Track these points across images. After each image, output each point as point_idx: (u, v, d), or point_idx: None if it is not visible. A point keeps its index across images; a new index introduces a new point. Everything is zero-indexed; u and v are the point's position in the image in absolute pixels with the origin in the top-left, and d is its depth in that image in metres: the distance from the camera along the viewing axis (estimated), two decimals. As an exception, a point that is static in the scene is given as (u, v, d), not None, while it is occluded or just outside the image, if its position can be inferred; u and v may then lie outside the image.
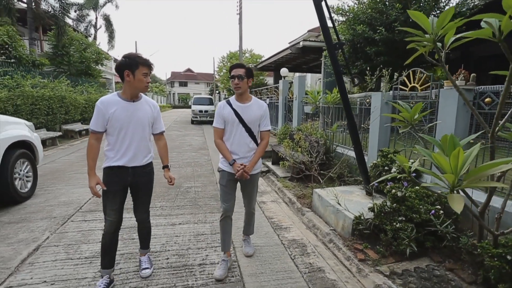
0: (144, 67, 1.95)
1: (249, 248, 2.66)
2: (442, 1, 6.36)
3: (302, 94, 7.16)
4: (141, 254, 2.41)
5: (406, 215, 2.67)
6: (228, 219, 2.41)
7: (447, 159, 1.49)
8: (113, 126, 1.98)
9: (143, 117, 2.06)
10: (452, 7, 1.75)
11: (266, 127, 2.38)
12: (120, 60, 1.98)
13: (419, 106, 2.30)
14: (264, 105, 2.38)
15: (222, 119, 2.29)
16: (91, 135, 2.02)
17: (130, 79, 1.93)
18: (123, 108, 1.99)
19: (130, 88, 1.99)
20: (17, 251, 2.60)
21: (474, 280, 2.24)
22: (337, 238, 2.96)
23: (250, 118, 2.27)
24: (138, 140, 2.07)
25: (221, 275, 2.26)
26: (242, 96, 2.29)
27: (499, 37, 1.48)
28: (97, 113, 1.96)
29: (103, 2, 22.35)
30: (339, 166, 4.30)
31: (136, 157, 2.07)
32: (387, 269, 2.42)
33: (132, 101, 2.03)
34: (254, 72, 16.02)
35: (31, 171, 4.11)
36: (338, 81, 3.23)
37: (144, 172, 2.15)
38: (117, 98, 2.00)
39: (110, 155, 2.04)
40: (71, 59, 14.31)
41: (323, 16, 3.17)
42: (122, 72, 1.94)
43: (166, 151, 2.33)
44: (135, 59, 1.93)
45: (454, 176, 1.46)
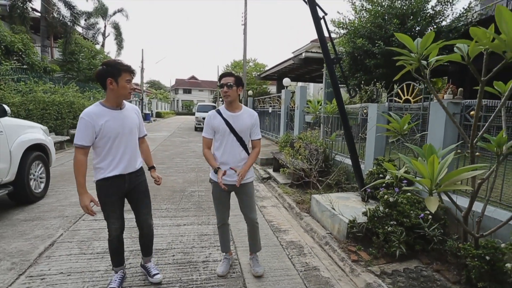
0: (127, 74, 1.91)
1: (258, 267, 2.48)
2: (438, 17, 6.63)
3: (304, 104, 7.41)
4: (145, 261, 2.36)
5: (397, 219, 2.84)
6: (225, 226, 2.49)
7: (425, 166, 1.69)
8: (105, 137, 1.92)
9: (132, 123, 2.07)
10: (432, 32, 1.97)
11: (257, 136, 2.37)
12: (100, 68, 1.91)
13: (407, 118, 2.51)
14: (254, 114, 2.37)
15: (212, 129, 2.29)
16: (79, 150, 1.89)
17: (113, 87, 1.89)
18: (114, 118, 1.95)
19: (114, 96, 1.94)
20: (34, 245, 2.80)
21: (458, 280, 2.40)
22: (332, 240, 3.13)
23: (241, 127, 2.26)
24: (131, 146, 2.07)
25: (223, 271, 2.41)
26: (232, 105, 2.27)
27: (467, 60, 1.70)
28: (85, 126, 1.86)
29: (113, 12, 23.04)
30: (337, 173, 4.50)
31: (131, 163, 2.08)
32: (378, 269, 2.58)
33: (119, 109, 2.00)
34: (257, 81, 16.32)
35: (44, 172, 4.35)
36: (336, 93, 3.46)
37: (138, 176, 2.16)
38: (103, 108, 1.94)
39: (103, 166, 1.97)
40: (81, 65, 14.77)
41: (322, 33, 3.42)
42: (104, 80, 1.88)
43: (149, 153, 2.39)
44: (117, 66, 1.89)
45: (431, 180, 1.66)
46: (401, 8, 6.57)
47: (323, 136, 5.77)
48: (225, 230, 2.50)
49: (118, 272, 2.23)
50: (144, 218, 2.22)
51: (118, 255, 2.19)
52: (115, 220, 2.08)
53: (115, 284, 2.15)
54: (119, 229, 2.11)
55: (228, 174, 2.24)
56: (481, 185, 2.28)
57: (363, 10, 7.24)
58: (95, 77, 1.96)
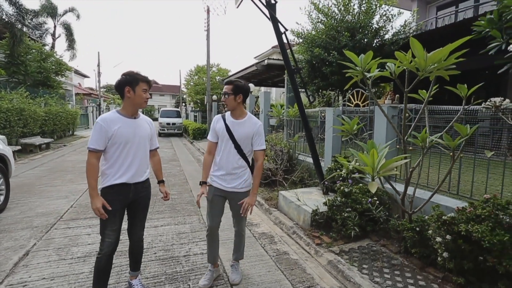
0: (144, 83, 2.01)
1: (236, 274, 2.47)
2: (382, 31, 7.58)
3: (268, 108, 7.87)
4: (132, 277, 2.30)
5: (352, 206, 3.35)
6: (215, 235, 2.39)
7: (367, 157, 2.15)
8: (116, 143, 1.97)
9: (143, 133, 2.11)
10: (371, 52, 2.48)
11: (260, 146, 2.27)
12: (120, 77, 2.02)
13: (356, 120, 3.02)
14: (258, 122, 2.30)
15: (215, 132, 2.29)
16: (92, 154, 1.94)
17: (130, 95, 1.98)
18: (126, 125, 2.01)
19: (130, 105, 2.03)
20: (6, 257, 2.76)
21: (399, 250, 2.95)
22: (299, 229, 3.55)
23: (240, 135, 2.22)
24: (141, 156, 2.09)
25: (205, 285, 2.33)
26: (235, 112, 2.26)
27: (394, 75, 2.21)
28: (99, 131, 1.92)
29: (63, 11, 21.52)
30: (300, 171, 4.97)
31: (138, 173, 2.08)
32: (337, 249, 3.04)
33: (133, 118, 2.07)
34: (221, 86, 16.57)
35: (3, 184, 4.15)
36: (297, 99, 3.91)
37: (144, 187, 2.16)
38: (118, 115, 2.02)
39: (111, 172, 2.00)
40: (28, 69, 13.62)
41: (283, 45, 3.86)
42: (122, 89, 1.98)
43: (160, 166, 2.38)
44: (135, 75, 2.00)
45: (372, 168, 2.13)
46: (351, 22, 7.38)
47: (286, 138, 6.25)
48: (214, 238, 2.39)
49: None
50: (137, 230, 2.23)
51: (102, 278, 2.05)
52: (111, 233, 2.00)
53: None
54: (113, 243, 2.02)
55: (224, 179, 2.25)
56: (412, 172, 2.86)
57: (319, 22, 7.95)
58: (115, 87, 2.05)
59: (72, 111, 15.46)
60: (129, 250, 2.29)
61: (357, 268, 2.69)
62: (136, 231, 2.22)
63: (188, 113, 25.53)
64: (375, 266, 2.73)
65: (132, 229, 2.22)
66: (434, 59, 1.96)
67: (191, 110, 25.17)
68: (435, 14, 12.51)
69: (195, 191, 5.25)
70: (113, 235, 2.02)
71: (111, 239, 2.01)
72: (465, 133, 2.32)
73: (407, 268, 2.69)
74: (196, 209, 4.26)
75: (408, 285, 2.42)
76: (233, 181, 2.27)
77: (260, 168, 2.28)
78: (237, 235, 2.50)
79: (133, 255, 2.28)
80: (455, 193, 3.04)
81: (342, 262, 2.78)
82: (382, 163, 2.22)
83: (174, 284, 2.39)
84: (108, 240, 2.00)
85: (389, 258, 2.86)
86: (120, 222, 2.07)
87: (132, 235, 2.23)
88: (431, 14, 12.65)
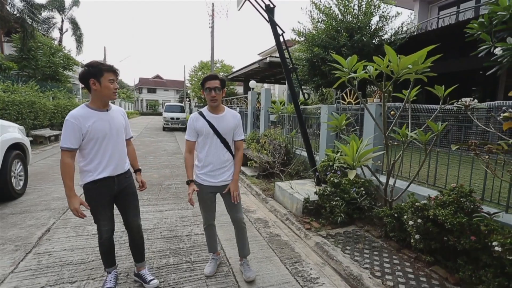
0: (109, 73, 1.92)
1: (250, 272, 2.44)
2: (380, 32, 7.82)
3: (268, 105, 8.17)
4: (139, 268, 2.31)
5: (340, 195, 3.66)
6: (211, 227, 2.49)
7: (348, 148, 2.47)
8: (92, 138, 1.93)
9: (118, 125, 2.08)
10: (355, 56, 2.77)
11: (240, 136, 2.37)
12: (82, 70, 1.93)
13: (344, 117, 3.33)
14: (237, 115, 2.39)
15: (195, 131, 2.28)
16: (65, 153, 1.88)
17: (96, 88, 1.90)
18: (100, 119, 1.95)
19: (98, 97, 1.95)
20: (31, 232, 3.14)
21: (380, 235, 3.27)
22: (292, 216, 3.88)
23: (224, 129, 2.26)
24: (119, 148, 2.07)
25: (210, 272, 2.42)
26: (218, 107, 2.29)
27: (373, 78, 2.51)
28: (72, 129, 1.86)
29: (69, 5, 21.90)
30: (296, 164, 5.29)
31: (120, 165, 2.08)
32: (325, 233, 3.37)
33: (105, 110, 2.01)
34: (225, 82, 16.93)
35: (23, 170, 4.53)
36: (293, 97, 4.22)
37: (126, 178, 2.16)
38: (89, 110, 1.94)
39: (90, 169, 1.97)
40: (39, 63, 14.05)
41: (281, 47, 4.15)
42: (87, 82, 1.90)
43: (135, 155, 2.38)
44: (98, 66, 1.90)
45: (351, 158, 2.44)
46: (350, 22, 7.62)
47: (285, 133, 6.56)
48: (211, 231, 2.50)
49: (111, 272, 2.23)
50: (133, 219, 2.22)
51: (109, 255, 2.19)
52: (105, 222, 2.06)
53: (111, 284, 2.17)
54: (110, 230, 2.10)
55: (213, 175, 2.28)
56: (393, 165, 3.17)
57: (319, 21, 8.20)
58: (79, 80, 1.96)
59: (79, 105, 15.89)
60: (130, 243, 2.28)
61: (340, 249, 3.01)
62: (133, 220, 2.20)
63: (192, 108, 25.90)
64: (357, 247, 3.05)
65: (128, 220, 2.20)
66: (405, 64, 2.25)
67: (195, 105, 25.54)
68: (437, 13, 12.63)
69: (197, 182, 5.60)
70: (108, 223, 2.08)
71: (107, 227, 2.08)
72: (436, 129, 2.61)
73: (385, 250, 3.00)
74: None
75: (384, 263, 2.74)
76: (222, 175, 2.30)
77: (242, 156, 2.40)
78: (238, 230, 2.46)
79: (136, 247, 2.28)
80: (432, 184, 3.34)
81: (328, 244, 3.10)
82: (360, 153, 2.53)
83: (177, 258, 2.74)
84: (104, 228, 2.07)
85: (371, 241, 3.18)
86: (111, 210, 2.10)
87: (129, 226, 2.21)
88: (433, 14, 12.78)
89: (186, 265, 2.60)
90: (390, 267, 2.66)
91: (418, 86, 2.98)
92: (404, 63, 2.25)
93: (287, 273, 2.57)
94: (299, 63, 8.55)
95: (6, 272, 2.38)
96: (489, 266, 2.17)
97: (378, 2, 7.68)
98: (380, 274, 2.55)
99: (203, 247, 2.95)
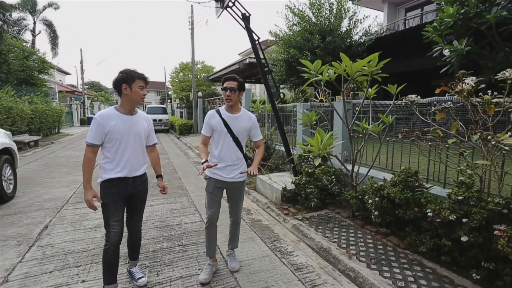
0: (140, 80, 2.09)
1: (235, 263, 2.62)
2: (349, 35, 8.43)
3: (249, 104, 8.57)
4: (131, 266, 2.41)
5: (314, 183, 4.13)
6: (213, 226, 2.49)
7: (314, 140, 2.91)
8: (113, 139, 2.05)
9: (140, 130, 2.18)
10: (319, 60, 3.23)
11: (258, 137, 2.49)
12: (117, 75, 2.10)
13: (313, 113, 3.79)
14: (252, 116, 2.46)
15: (210, 127, 2.39)
16: (89, 148, 2.03)
17: (127, 92, 2.06)
18: (123, 121, 2.08)
19: (127, 102, 2.11)
20: (30, 229, 3.36)
21: (348, 216, 3.77)
22: (272, 204, 4.31)
23: (238, 129, 2.35)
24: (137, 151, 2.17)
25: (206, 279, 2.37)
26: (234, 107, 2.37)
27: (333, 80, 2.97)
28: (96, 126, 2.02)
29: (43, 7, 21.21)
30: (275, 158, 5.73)
31: (136, 167, 2.17)
32: (300, 216, 3.82)
33: (130, 114, 2.14)
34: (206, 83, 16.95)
35: (12, 174, 4.67)
36: (269, 97, 4.64)
37: (141, 181, 2.24)
38: (115, 112, 2.09)
39: (109, 167, 2.08)
40: (11, 67, 13.65)
41: (257, 52, 4.56)
42: (120, 87, 2.06)
43: (159, 161, 2.46)
44: (131, 73, 2.08)
45: (317, 148, 2.89)
46: (323, 25, 8.17)
47: (266, 130, 6.99)
48: (212, 231, 2.49)
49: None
50: (135, 222, 2.34)
51: (112, 268, 2.15)
52: (116, 223, 2.08)
53: None
54: (119, 234, 2.10)
55: (224, 171, 2.37)
56: (357, 154, 3.66)
57: (294, 24, 8.69)
58: (113, 85, 2.13)
59: (57, 109, 15.58)
60: (128, 241, 2.39)
61: (314, 229, 3.47)
62: (135, 222, 2.33)
63: (174, 110, 25.83)
64: (328, 227, 3.52)
65: (131, 221, 2.32)
66: (356, 68, 2.73)
67: (176, 107, 25.50)
68: (404, 15, 13.55)
69: (183, 179, 5.92)
70: (118, 225, 2.09)
71: (116, 229, 2.08)
72: (387, 122, 3.12)
73: (352, 227, 3.49)
74: (186, 192, 4.94)
75: (349, 237, 3.22)
76: (232, 172, 2.39)
77: (262, 150, 2.54)
78: (233, 224, 2.62)
79: (132, 246, 2.38)
80: (390, 169, 3.87)
81: (303, 225, 3.55)
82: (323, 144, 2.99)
83: (170, 242, 3.09)
84: (113, 230, 2.08)
85: (340, 221, 3.66)
86: (122, 213, 2.16)
87: (131, 227, 2.33)
88: (401, 15, 13.68)
89: (178, 248, 2.96)
90: (354, 240, 3.15)
91: (376, 85, 3.49)
92: (356, 67, 2.72)
93: (267, 249, 2.99)
94: (277, 63, 9.01)
95: (14, 262, 2.64)
96: (428, 231, 2.69)
97: (348, 6, 8.28)
98: (346, 245, 3.03)
99: (193, 233, 3.31)
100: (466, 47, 4.47)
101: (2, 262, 2.64)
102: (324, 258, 2.87)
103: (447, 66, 4.99)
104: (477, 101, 2.51)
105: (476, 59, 5.01)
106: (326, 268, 2.68)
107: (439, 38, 5.19)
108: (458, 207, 2.44)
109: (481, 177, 2.56)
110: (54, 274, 2.46)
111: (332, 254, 2.87)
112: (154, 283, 2.35)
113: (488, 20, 4.12)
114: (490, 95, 2.42)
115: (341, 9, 8.16)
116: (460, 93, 2.56)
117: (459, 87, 2.47)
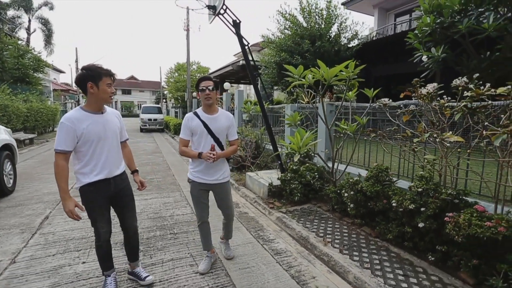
0: (107, 78, 1.93)
1: (230, 251, 2.79)
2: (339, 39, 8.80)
3: (241, 105, 8.87)
4: (133, 267, 2.35)
5: (299, 179, 4.44)
6: (205, 224, 2.55)
7: (294, 138, 3.22)
8: (88, 141, 1.93)
9: (114, 127, 2.10)
10: (301, 66, 3.53)
11: (234, 136, 2.51)
12: (80, 72, 1.91)
13: (297, 114, 4.10)
14: (230, 116, 2.50)
15: (189, 130, 2.37)
16: (59, 155, 1.87)
17: (94, 91, 1.90)
18: (95, 122, 1.96)
19: (94, 101, 1.95)
20: (31, 219, 3.60)
21: (329, 209, 4.09)
22: (259, 199, 4.61)
23: (218, 129, 2.37)
24: (114, 150, 2.10)
25: (205, 269, 2.50)
26: (211, 107, 2.39)
27: (312, 84, 3.29)
28: (66, 131, 1.86)
29: (38, 5, 21.24)
30: (264, 157, 6.04)
31: (115, 167, 2.10)
32: (284, 210, 4.13)
33: (100, 113, 2.02)
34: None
35: (12, 169, 4.89)
36: (258, 98, 4.94)
37: (122, 179, 2.18)
38: (84, 113, 1.94)
39: (87, 171, 1.97)
40: (6, 65, 13.73)
41: (247, 56, 4.86)
42: (84, 85, 1.89)
43: (132, 157, 2.41)
44: (97, 70, 1.91)
45: (297, 146, 3.20)
46: (312, 30, 8.52)
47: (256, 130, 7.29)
48: (205, 228, 2.57)
49: (110, 275, 2.22)
50: (130, 221, 2.26)
51: (107, 258, 2.19)
52: (104, 224, 2.06)
53: (111, 287, 2.17)
54: (108, 233, 2.10)
55: (207, 173, 2.40)
56: (337, 152, 3.98)
57: (286, 28, 9.03)
58: (76, 82, 1.96)
59: (52, 108, 15.67)
60: (126, 243, 2.33)
61: (296, 220, 3.77)
62: (130, 222, 2.25)
63: (169, 109, 26.00)
64: (309, 219, 3.83)
65: (125, 223, 2.24)
66: (332, 73, 3.05)
67: (172, 107, 25.67)
68: (394, 20, 13.99)
69: (176, 176, 6.18)
70: (106, 225, 2.08)
71: (105, 229, 2.08)
72: (362, 122, 3.45)
73: (330, 219, 3.81)
74: (178, 187, 5.22)
75: (327, 228, 3.54)
76: (216, 173, 2.42)
77: (235, 149, 2.55)
78: (227, 218, 2.69)
79: (132, 248, 2.33)
80: (366, 166, 4.21)
81: (286, 217, 3.86)
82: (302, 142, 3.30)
83: (163, 231, 3.37)
84: (102, 230, 2.07)
85: (321, 214, 3.98)
86: (108, 213, 2.11)
87: (126, 228, 2.25)
88: (390, 21, 14.13)
89: (170, 236, 3.24)
90: (331, 230, 3.46)
91: (355, 89, 3.82)
92: (332, 73, 3.04)
93: (251, 237, 3.29)
94: (269, 66, 9.34)
95: (19, 247, 2.89)
96: (394, 220, 3.02)
97: (337, 12, 8.64)
98: (323, 234, 3.34)
99: (184, 223, 3.59)
100: (442, 54, 4.85)
101: (8, 247, 2.89)
102: (302, 245, 3.17)
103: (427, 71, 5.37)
104: (436, 105, 2.85)
105: (453, 65, 5.40)
106: (303, 253, 2.98)
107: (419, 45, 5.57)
108: (418, 198, 2.78)
109: (439, 172, 2.90)
110: (57, 256, 2.73)
111: (310, 241, 3.18)
112: (147, 264, 2.63)
113: (461, 30, 4.49)
114: (446, 100, 2.77)
115: (331, 15, 8.52)
116: (422, 98, 2.89)
117: (419, 92, 2.80)
